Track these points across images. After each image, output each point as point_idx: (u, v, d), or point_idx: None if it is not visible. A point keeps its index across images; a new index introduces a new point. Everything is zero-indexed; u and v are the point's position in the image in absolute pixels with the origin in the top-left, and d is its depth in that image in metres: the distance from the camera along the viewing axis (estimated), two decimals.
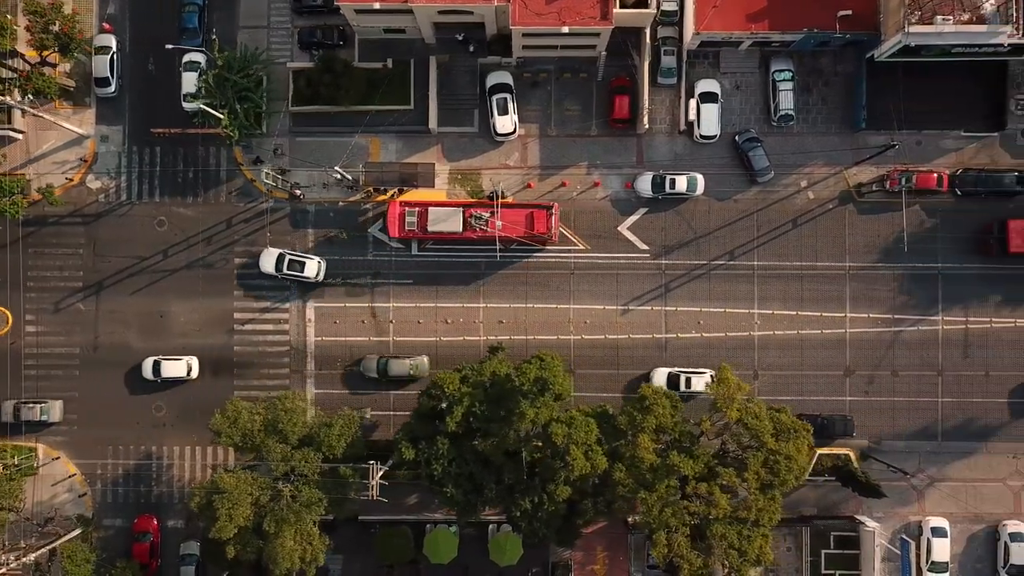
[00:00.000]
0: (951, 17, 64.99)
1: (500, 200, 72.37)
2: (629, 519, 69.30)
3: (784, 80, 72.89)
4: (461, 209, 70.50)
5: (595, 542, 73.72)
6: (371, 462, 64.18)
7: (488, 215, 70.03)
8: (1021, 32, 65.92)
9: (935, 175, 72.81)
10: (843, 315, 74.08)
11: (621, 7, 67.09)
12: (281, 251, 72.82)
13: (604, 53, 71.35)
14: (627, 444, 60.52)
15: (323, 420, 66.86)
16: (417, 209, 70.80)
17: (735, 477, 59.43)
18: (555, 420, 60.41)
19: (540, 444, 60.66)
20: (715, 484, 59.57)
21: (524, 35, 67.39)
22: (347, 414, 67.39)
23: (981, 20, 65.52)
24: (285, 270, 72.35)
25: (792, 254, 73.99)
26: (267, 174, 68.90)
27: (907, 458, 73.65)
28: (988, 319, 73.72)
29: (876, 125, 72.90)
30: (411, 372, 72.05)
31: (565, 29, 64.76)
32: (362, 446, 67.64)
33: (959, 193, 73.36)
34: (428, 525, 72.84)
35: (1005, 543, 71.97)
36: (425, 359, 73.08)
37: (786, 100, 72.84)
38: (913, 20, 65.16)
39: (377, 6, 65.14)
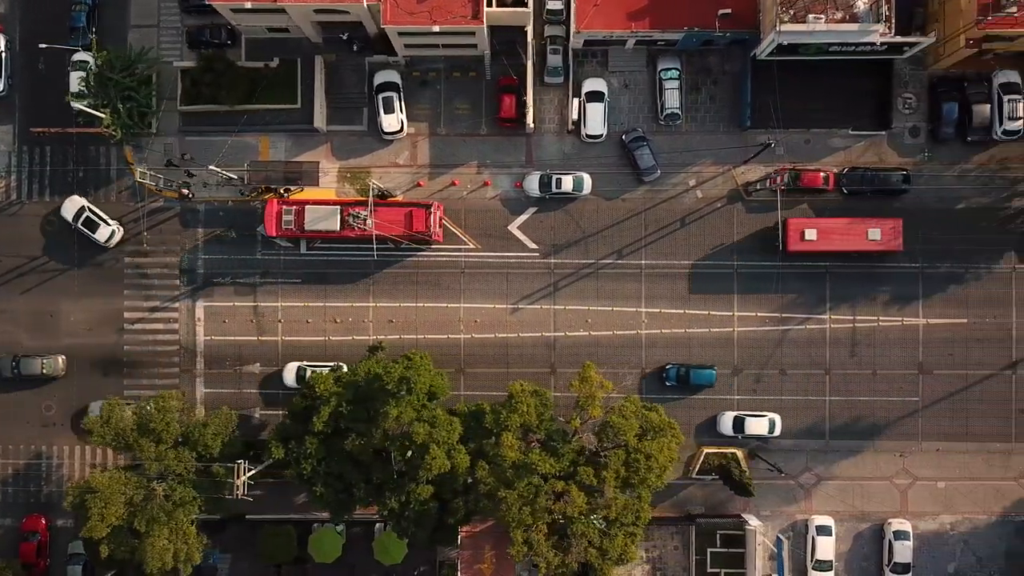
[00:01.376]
0: (822, 16, 65.03)
1: (386, 199, 72.56)
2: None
3: (670, 79, 72.92)
4: (339, 208, 70.41)
5: (483, 541, 73.27)
6: (238, 461, 64.07)
7: (366, 214, 69.96)
8: (893, 31, 66.07)
9: (821, 174, 72.89)
10: (731, 314, 74.14)
11: (499, 6, 67.19)
12: (85, 204, 72.57)
13: (487, 53, 71.33)
14: (492, 443, 60.46)
15: (199, 419, 66.84)
16: (294, 208, 70.72)
17: (593, 476, 59.41)
18: (417, 419, 60.41)
19: (407, 443, 60.55)
20: (572, 483, 59.55)
21: (401, 34, 67.32)
22: (224, 413, 67.41)
23: (854, 19, 65.59)
24: (79, 224, 72.21)
25: (680, 253, 74.00)
26: (142, 173, 68.72)
27: (794, 457, 73.80)
28: (875, 318, 73.80)
29: (763, 124, 72.75)
30: (44, 371, 72.20)
31: (436, 28, 64.76)
32: (240, 445, 67.64)
33: (845, 192, 73.41)
34: (315, 524, 72.84)
35: (889, 541, 72.09)
36: (61, 359, 73.01)
37: (672, 99, 72.88)
38: (785, 19, 65.22)
39: (249, 5, 65.13)
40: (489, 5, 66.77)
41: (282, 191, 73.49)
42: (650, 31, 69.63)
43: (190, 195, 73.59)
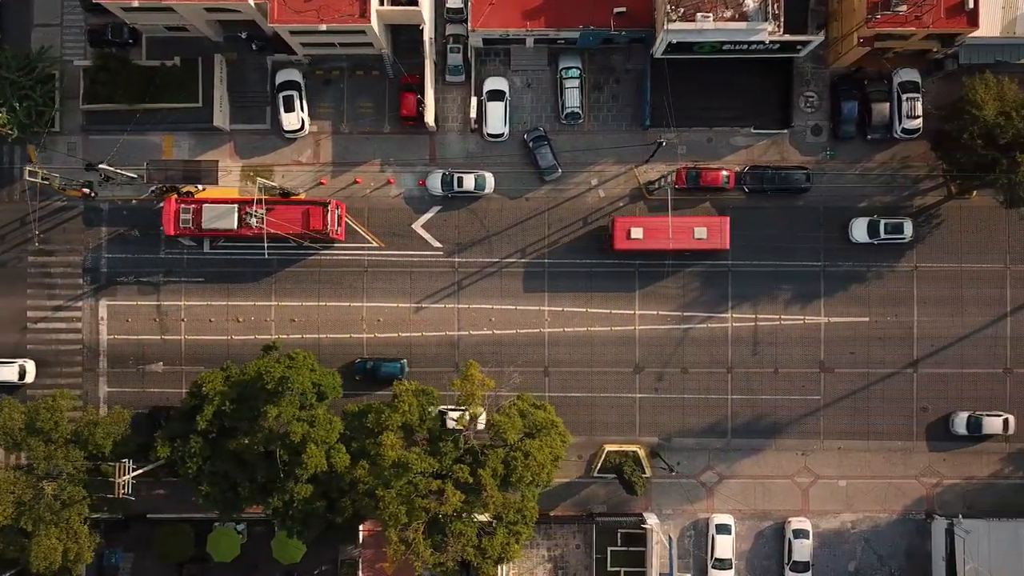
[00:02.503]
0: (711, 14, 65.00)
1: (289, 197, 72.47)
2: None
3: (571, 78, 72.89)
4: (236, 206, 70.30)
5: (385, 540, 73.49)
6: (123, 460, 63.97)
7: (263, 212, 69.86)
8: (782, 29, 66.07)
9: (722, 173, 72.89)
10: (632, 312, 74.13)
11: (392, 4, 67.11)
12: None
13: (385, 51, 71.18)
14: (373, 442, 60.39)
15: (90, 418, 66.74)
16: (192, 206, 70.58)
17: (468, 474, 59.39)
18: (296, 419, 60.36)
19: (286, 443, 60.49)
20: (449, 481, 59.56)
21: (293, 33, 67.19)
22: (116, 412, 67.37)
23: (743, 17, 65.56)
24: None
25: (582, 251, 73.97)
26: (31, 172, 68.50)
27: (696, 455, 73.88)
28: (777, 316, 73.85)
29: (665, 123, 72.66)
30: None
31: (323, 27, 64.65)
32: (134, 444, 67.50)
33: (746, 191, 73.44)
34: (216, 523, 72.73)
35: (789, 540, 72.14)
36: None
37: (572, 98, 72.86)
38: (675, 17, 65.20)
39: (136, 3, 65.00)
40: (382, 3, 66.75)
41: (187, 190, 73.37)
42: (546, 29, 69.56)
43: (92, 194, 73.40)
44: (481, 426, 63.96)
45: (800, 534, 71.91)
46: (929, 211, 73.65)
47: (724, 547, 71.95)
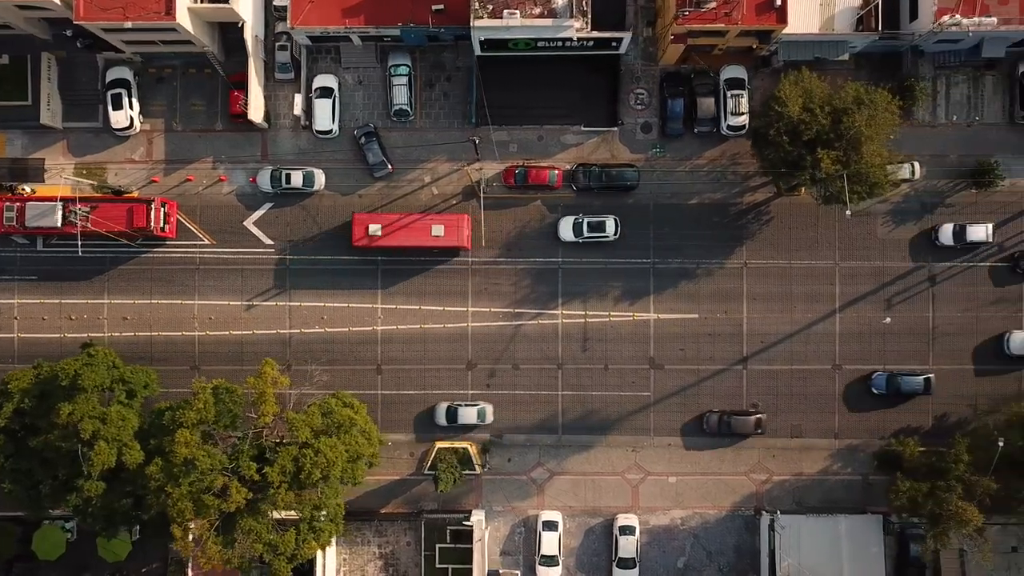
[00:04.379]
0: (518, 11, 65.14)
1: (121, 195, 72.51)
2: None
3: (399, 75, 72.97)
4: (59, 204, 70.20)
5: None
6: None
7: (88, 210, 69.78)
8: (590, 26, 66.22)
9: (549, 171, 72.99)
10: (465, 309, 74.20)
11: (205, 1, 67.11)
12: None
13: (209, 48, 71.11)
14: (169, 440, 60.31)
15: None
16: (16, 204, 70.48)
17: (255, 472, 59.40)
18: (88, 416, 60.30)
19: (76, 440, 60.47)
20: (235, 479, 59.56)
21: (105, 31, 67.11)
22: None
23: (552, 14, 65.71)
24: None
25: (415, 249, 73.91)
26: None
27: (527, 451, 73.95)
28: (607, 313, 73.95)
29: (496, 120, 72.86)
30: None
31: (128, 24, 64.66)
32: None
33: (575, 188, 73.58)
34: (45, 521, 72.53)
35: (616, 536, 72.20)
36: None
37: (400, 95, 72.93)
38: (483, 14, 65.33)
39: None
40: (195, 1, 66.77)
41: (20, 188, 73.32)
42: (366, 27, 69.59)
43: None
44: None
45: (626, 531, 71.98)
46: (759, 208, 73.82)
47: (550, 544, 71.95)
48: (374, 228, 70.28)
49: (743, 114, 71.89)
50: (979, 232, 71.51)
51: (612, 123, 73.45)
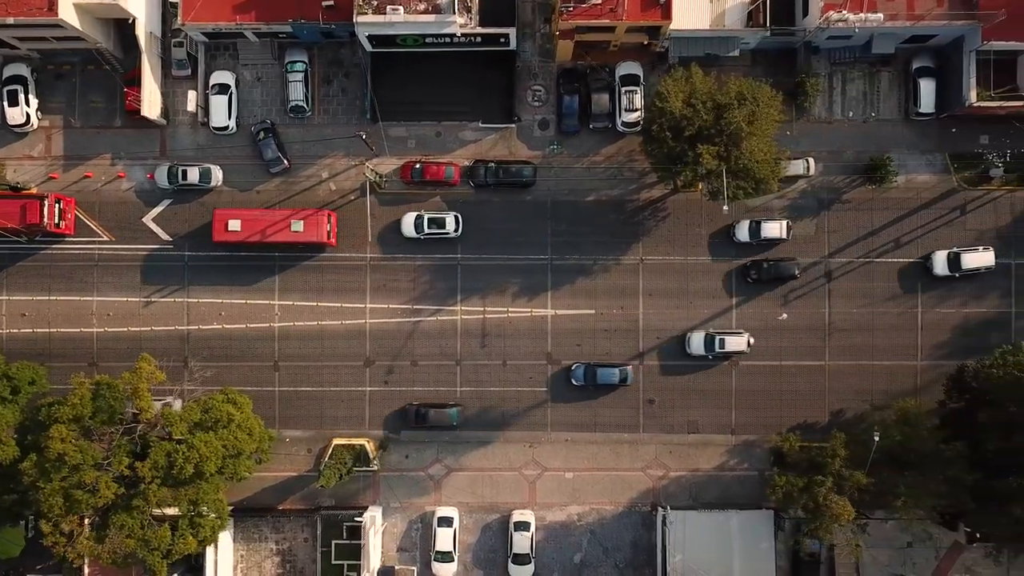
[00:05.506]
0: (400, 7, 65.18)
1: (19, 192, 72.48)
2: None
3: (294, 72, 73.01)
4: None
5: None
6: None
7: None
8: (474, 22, 66.28)
9: (444, 168, 73.04)
10: (363, 305, 74.24)
11: None
12: None
13: (101, 45, 71.09)
14: (45, 435, 60.31)
15: None
16: None
17: (125, 467, 59.42)
18: None
19: None
20: (105, 474, 59.59)
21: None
22: None
23: (437, 10, 65.74)
24: None
25: (312, 246, 73.92)
26: None
27: (426, 448, 73.99)
28: (505, 309, 73.99)
29: (393, 116, 73.07)
30: None
31: (11, 20, 64.63)
32: None
33: (473, 185, 73.63)
34: None
35: (510, 532, 72.24)
36: None
37: (295, 92, 72.97)
38: (368, 10, 65.37)
39: None
40: None
41: None
42: (256, 23, 69.65)
43: None
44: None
45: (521, 527, 72.02)
46: (655, 204, 73.92)
47: (445, 540, 72.00)
48: (234, 224, 70.28)
49: (637, 110, 71.91)
50: (773, 229, 71.71)
51: (509, 120, 73.53)
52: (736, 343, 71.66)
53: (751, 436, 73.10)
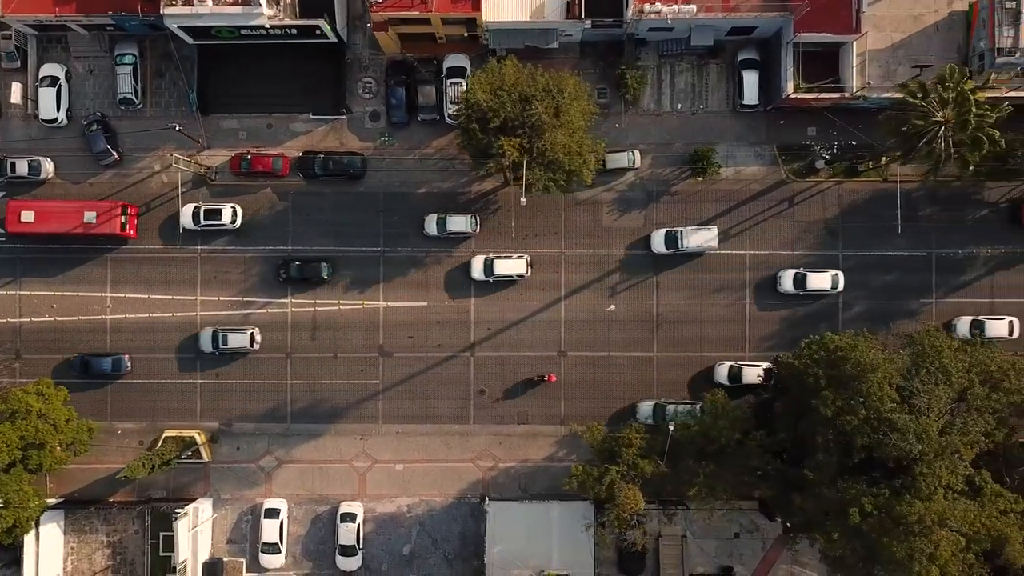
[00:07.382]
0: None
1: None
2: None
3: (123, 64, 73.07)
4: None
5: None
6: None
7: None
8: (284, 13, 66.35)
9: (273, 159, 73.15)
10: (194, 298, 74.27)
11: None
12: None
13: None
14: None
15: None
16: None
17: None
18: None
19: None
20: None
21: None
22: None
23: (245, 2, 65.79)
24: None
25: (143, 238, 73.89)
26: None
27: (256, 440, 74.11)
28: (336, 301, 74.09)
29: (222, 108, 73.25)
30: None
31: None
32: None
33: (303, 176, 73.74)
34: None
35: (337, 524, 72.38)
36: None
37: (123, 84, 73.05)
38: (176, 2, 65.42)
39: None
40: None
41: None
42: (77, 15, 69.62)
43: None
44: None
45: (347, 518, 72.13)
46: (487, 196, 74.11)
47: (271, 531, 72.10)
48: (27, 215, 70.32)
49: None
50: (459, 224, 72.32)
51: (338, 111, 73.62)
52: None
53: (579, 427, 73.21)
